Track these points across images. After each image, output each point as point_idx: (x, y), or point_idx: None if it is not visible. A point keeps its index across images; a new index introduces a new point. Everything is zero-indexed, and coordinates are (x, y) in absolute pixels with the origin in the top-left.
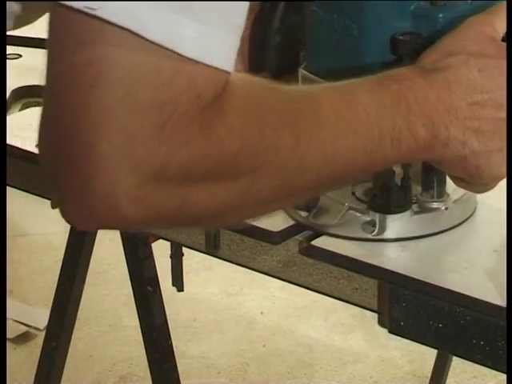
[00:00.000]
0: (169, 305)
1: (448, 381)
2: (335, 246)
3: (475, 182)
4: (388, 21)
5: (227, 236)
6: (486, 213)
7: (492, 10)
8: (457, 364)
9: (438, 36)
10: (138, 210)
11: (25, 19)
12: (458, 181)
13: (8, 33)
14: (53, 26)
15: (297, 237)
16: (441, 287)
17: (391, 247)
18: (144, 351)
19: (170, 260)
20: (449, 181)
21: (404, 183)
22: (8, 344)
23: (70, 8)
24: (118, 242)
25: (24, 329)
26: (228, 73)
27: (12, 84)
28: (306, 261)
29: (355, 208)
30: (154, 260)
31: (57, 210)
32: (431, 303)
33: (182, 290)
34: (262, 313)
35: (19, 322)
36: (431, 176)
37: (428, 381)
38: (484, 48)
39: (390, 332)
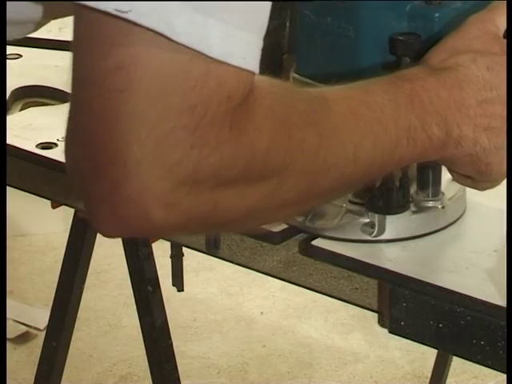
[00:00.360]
0: (169, 305)
1: (448, 381)
2: (335, 246)
3: (484, 179)
4: (384, 21)
5: (227, 236)
6: (484, 212)
7: (492, 7)
8: (457, 364)
9: (435, 35)
10: (169, 215)
11: (43, 23)
12: (464, 178)
13: None
14: (79, 30)
15: (297, 237)
16: (441, 287)
17: (391, 247)
18: (144, 351)
19: (170, 260)
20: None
21: (403, 183)
22: (8, 344)
23: (98, 10)
24: (118, 242)
25: (24, 329)
26: (253, 73)
27: (12, 84)
28: (306, 261)
29: (353, 210)
30: (154, 260)
31: (57, 210)
32: (431, 303)
33: (182, 290)
34: (261, 313)
35: (19, 322)
36: (427, 175)
37: (428, 381)
38: (489, 46)
39: (390, 332)
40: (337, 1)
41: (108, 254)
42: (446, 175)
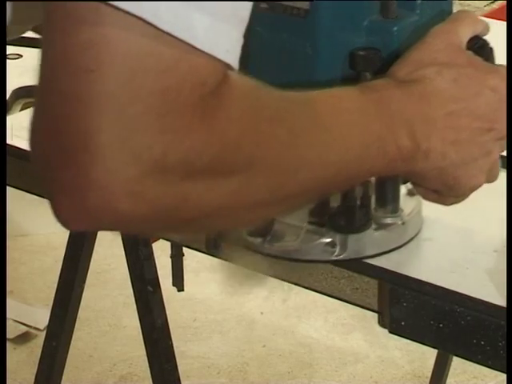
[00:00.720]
0: (169, 305)
1: (448, 381)
2: None
3: (451, 194)
4: (342, 37)
5: (228, 236)
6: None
7: (454, 18)
8: (457, 364)
9: (394, 49)
10: (135, 205)
11: (14, 32)
12: (430, 193)
13: None
14: (49, 10)
15: None
16: (441, 287)
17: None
18: (144, 351)
19: (170, 260)
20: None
21: (364, 201)
22: (8, 344)
23: None
24: (118, 242)
25: (24, 329)
26: (229, 65)
27: (12, 84)
28: None
29: (313, 230)
30: (154, 260)
31: None
32: (432, 303)
33: (183, 290)
34: (261, 313)
35: (19, 322)
36: (385, 191)
37: (428, 381)
38: (454, 58)
39: (390, 332)
40: (293, 17)
41: (108, 253)
42: (402, 191)
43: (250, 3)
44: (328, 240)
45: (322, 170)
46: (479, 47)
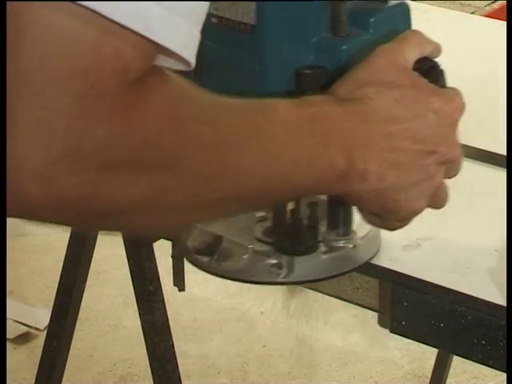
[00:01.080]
0: (169, 305)
1: (448, 381)
2: None
3: (391, 218)
4: (290, 54)
5: None
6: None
7: (401, 38)
8: (457, 364)
9: (342, 68)
10: (45, 192)
11: None
12: (372, 217)
13: None
14: None
15: None
16: (442, 287)
17: (392, 247)
18: (144, 351)
19: (170, 259)
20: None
21: (311, 223)
22: (8, 344)
23: None
24: (119, 242)
25: (24, 329)
26: (154, 51)
27: None
28: None
29: (260, 250)
30: (155, 259)
31: None
32: (432, 303)
33: (184, 290)
34: (262, 313)
35: (19, 322)
36: (337, 214)
37: (428, 381)
38: (397, 78)
39: (391, 331)
40: (241, 32)
41: (108, 253)
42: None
43: (206, 7)
44: (274, 261)
45: (246, 179)
46: (427, 69)
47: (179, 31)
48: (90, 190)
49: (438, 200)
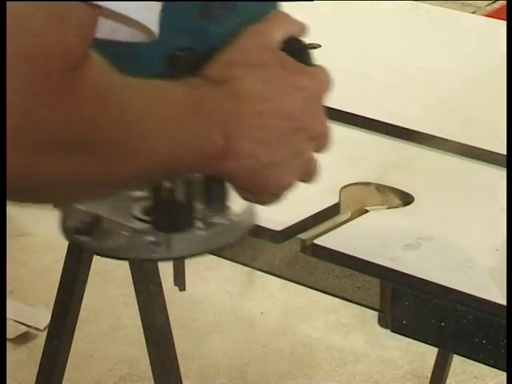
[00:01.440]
0: (169, 305)
1: (448, 381)
2: (337, 245)
3: (263, 194)
4: (162, 37)
5: None
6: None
7: (267, 19)
8: (457, 364)
9: (213, 50)
10: None
11: None
12: (246, 193)
13: None
14: None
15: (299, 236)
16: (443, 286)
17: (393, 246)
18: (144, 351)
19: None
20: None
21: (187, 201)
22: (8, 344)
23: None
24: None
25: (24, 329)
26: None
27: None
28: (308, 260)
29: (138, 229)
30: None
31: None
32: (433, 302)
33: (184, 290)
34: (262, 313)
35: (19, 322)
36: (212, 191)
37: (428, 381)
38: (264, 58)
39: (392, 331)
40: None
41: None
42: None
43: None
44: (152, 239)
45: (152, 158)
46: (294, 48)
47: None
48: (23, 165)
49: (308, 175)
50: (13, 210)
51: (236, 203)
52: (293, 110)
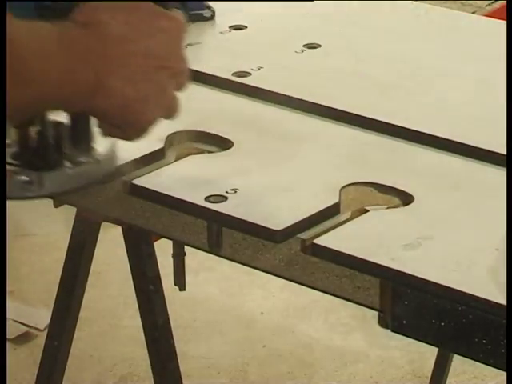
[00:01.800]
0: (169, 305)
1: (448, 381)
2: (337, 245)
3: (131, 129)
4: None
5: (229, 235)
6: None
7: None
8: (457, 364)
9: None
10: None
11: None
12: (114, 129)
13: None
14: None
15: (299, 235)
16: (443, 286)
17: (393, 246)
18: (144, 351)
19: (171, 260)
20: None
21: (56, 141)
22: (8, 344)
23: None
24: (119, 241)
25: (24, 329)
26: None
27: None
28: (308, 259)
29: (11, 169)
30: (156, 259)
31: (58, 210)
32: (433, 302)
33: (184, 290)
34: (262, 313)
35: (19, 323)
36: (79, 131)
37: (428, 381)
38: (126, 3)
39: (392, 331)
40: None
41: (109, 253)
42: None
43: None
44: (26, 178)
45: (37, 88)
46: None
47: None
48: None
49: (170, 112)
50: (13, 210)
51: (100, 144)
52: (156, 50)
